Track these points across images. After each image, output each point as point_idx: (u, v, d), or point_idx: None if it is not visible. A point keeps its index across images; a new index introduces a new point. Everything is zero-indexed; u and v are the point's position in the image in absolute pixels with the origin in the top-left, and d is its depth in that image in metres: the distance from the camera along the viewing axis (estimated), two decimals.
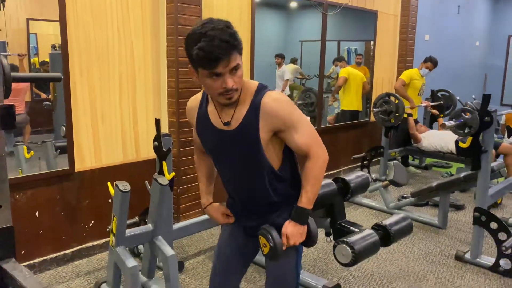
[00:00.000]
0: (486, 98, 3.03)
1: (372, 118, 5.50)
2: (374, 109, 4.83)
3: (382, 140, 4.85)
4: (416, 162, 6.19)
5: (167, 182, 2.57)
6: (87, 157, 3.17)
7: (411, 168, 5.85)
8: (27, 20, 3.03)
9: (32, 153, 3.08)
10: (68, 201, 3.12)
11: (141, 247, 3.12)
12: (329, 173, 5.25)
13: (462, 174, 3.77)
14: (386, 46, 6.10)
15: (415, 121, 5.47)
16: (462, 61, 8.18)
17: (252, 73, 4.15)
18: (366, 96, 5.95)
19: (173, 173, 2.74)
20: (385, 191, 4.33)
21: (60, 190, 3.07)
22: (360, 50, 6.78)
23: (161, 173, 2.72)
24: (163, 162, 2.74)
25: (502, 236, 3.02)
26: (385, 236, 2.50)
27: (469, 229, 3.77)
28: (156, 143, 2.73)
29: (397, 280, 3.01)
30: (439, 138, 5.13)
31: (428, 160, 6.22)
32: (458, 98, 4.67)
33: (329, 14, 5.02)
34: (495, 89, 8.93)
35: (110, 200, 3.20)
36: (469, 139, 3.11)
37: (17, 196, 2.84)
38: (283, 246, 1.51)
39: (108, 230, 2.78)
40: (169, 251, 2.50)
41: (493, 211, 3.46)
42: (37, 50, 3.21)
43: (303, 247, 1.66)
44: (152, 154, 3.11)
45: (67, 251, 3.14)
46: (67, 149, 3.06)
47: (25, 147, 3.06)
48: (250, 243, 1.70)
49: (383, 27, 5.95)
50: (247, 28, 4.07)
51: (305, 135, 1.48)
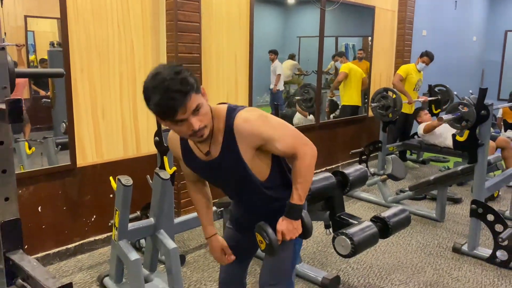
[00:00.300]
0: (483, 92, 3.04)
1: (370, 113, 5.54)
2: (372, 104, 4.86)
3: (380, 135, 4.89)
4: (414, 157, 6.23)
5: (169, 176, 2.61)
6: (89, 153, 3.20)
7: (409, 163, 5.89)
8: (25, 17, 3.04)
9: (34, 149, 3.10)
10: (70, 196, 3.15)
11: (143, 242, 3.16)
12: (328, 168, 5.29)
13: (459, 168, 3.81)
14: (384, 42, 6.13)
15: (420, 109, 5.48)
16: (460, 56, 8.20)
17: (251, 69, 4.17)
18: (364, 92, 5.98)
19: (174, 168, 2.78)
20: (383, 185, 4.37)
21: (62, 186, 3.10)
22: (358, 46, 6.81)
23: (163, 168, 2.76)
24: (164, 157, 2.78)
25: (499, 228, 3.06)
26: (384, 228, 2.55)
27: (466, 222, 3.81)
28: (157, 138, 2.77)
29: (396, 272, 3.05)
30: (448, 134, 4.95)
31: (426, 155, 6.26)
32: (455, 93, 4.68)
33: (327, 10, 5.04)
34: (492, 84, 8.94)
35: (112, 195, 3.25)
36: (466, 133, 3.15)
37: (20, 192, 2.86)
38: (279, 242, 1.55)
39: (110, 225, 2.81)
40: (171, 244, 2.53)
41: (490, 204, 3.50)
42: (35, 48, 3.23)
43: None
44: (153, 150, 3.14)
45: (70, 246, 3.18)
46: (69, 145, 3.09)
47: (26, 143, 3.09)
48: (252, 238, 1.74)
49: (381, 23, 5.97)
50: (246, 24, 4.09)
51: (286, 140, 1.49)
